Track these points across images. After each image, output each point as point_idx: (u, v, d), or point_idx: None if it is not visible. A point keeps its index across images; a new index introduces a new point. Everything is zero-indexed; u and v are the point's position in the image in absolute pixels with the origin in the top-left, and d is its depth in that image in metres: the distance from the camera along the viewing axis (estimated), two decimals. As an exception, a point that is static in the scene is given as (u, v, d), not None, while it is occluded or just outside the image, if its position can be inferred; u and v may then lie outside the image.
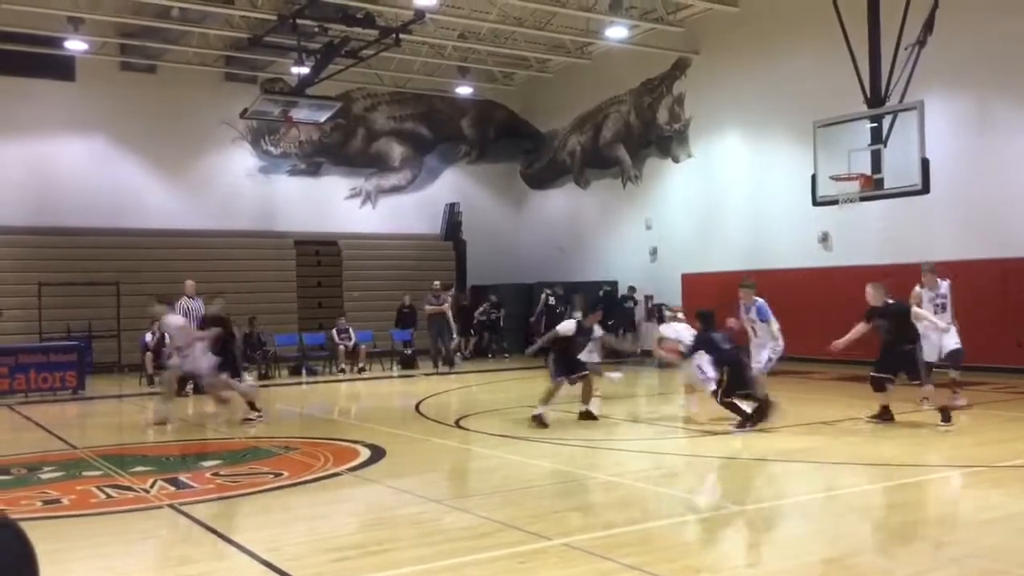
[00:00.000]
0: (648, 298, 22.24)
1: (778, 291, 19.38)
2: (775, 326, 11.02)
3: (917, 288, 11.27)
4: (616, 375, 14.04)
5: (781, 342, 11.11)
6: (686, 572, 4.97)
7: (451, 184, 26.72)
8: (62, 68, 21.06)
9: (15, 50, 19.66)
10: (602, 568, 5.06)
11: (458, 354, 21.24)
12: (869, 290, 10.20)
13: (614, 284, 22.77)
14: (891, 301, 10.14)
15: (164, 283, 18.35)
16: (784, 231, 19.47)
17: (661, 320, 14.45)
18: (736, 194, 20.82)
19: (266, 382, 18.10)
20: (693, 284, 21.20)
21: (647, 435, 10.12)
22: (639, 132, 23.50)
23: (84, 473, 8.43)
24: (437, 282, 20.47)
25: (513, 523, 6.13)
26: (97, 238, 21.17)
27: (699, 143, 21.87)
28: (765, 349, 10.96)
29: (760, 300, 11.07)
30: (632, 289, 22.18)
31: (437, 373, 18.80)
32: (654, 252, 22.74)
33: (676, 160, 22.50)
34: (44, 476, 8.37)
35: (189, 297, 15.89)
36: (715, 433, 9.75)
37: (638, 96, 23.47)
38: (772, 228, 19.78)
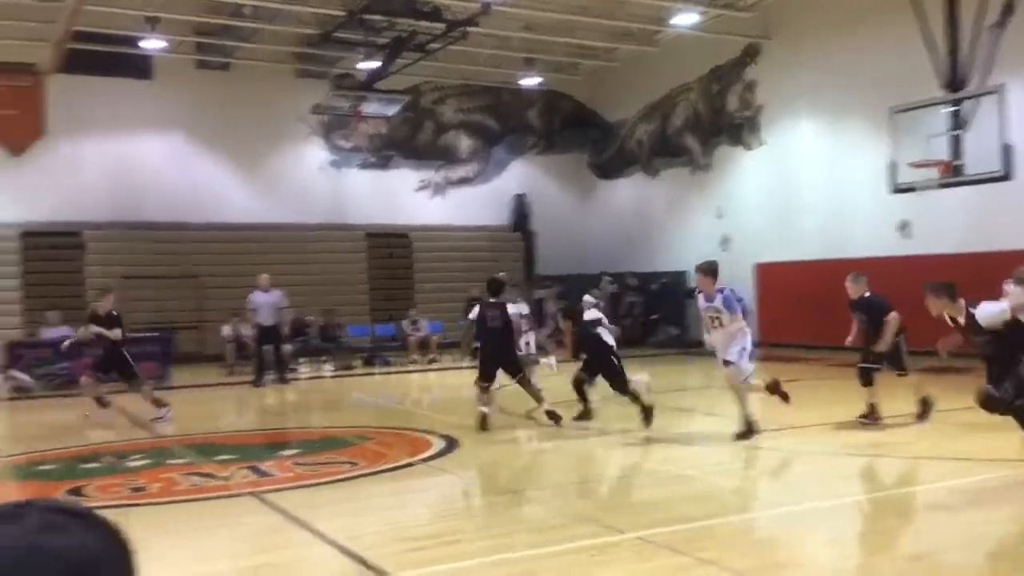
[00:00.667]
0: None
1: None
2: (740, 323, 9.45)
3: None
4: (550, 360, 13.97)
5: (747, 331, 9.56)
6: (766, 568, 4.94)
7: (519, 175, 26.77)
8: (140, 67, 21.65)
9: (96, 50, 20.28)
10: (678, 563, 5.05)
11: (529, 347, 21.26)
12: (849, 283, 10.07)
13: (682, 274, 22.57)
14: (868, 294, 9.96)
15: (241, 275, 18.77)
16: (861, 219, 19.05)
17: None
18: (811, 181, 20.43)
19: (342, 373, 18.43)
20: (767, 274, 20.89)
21: (722, 428, 10.01)
22: (708, 120, 23.20)
23: (169, 461, 8.72)
24: (502, 273, 20.54)
25: (586, 516, 6.16)
26: (178, 232, 21.75)
27: (771, 130, 21.50)
28: (735, 342, 9.34)
29: (726, 289, 9.61)
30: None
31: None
32: (725, 241, 22.47)
33: (748, 147, 22.17)
34: (131, 464, 8.68)
35: (263, 291, 16.18)
36: (794, 427, 9.62)
37: (707, 83, 23.16)
38: (849, 216, 19.37)
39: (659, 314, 22.66)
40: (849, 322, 10.23)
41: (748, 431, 8.92)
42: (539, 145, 27.16)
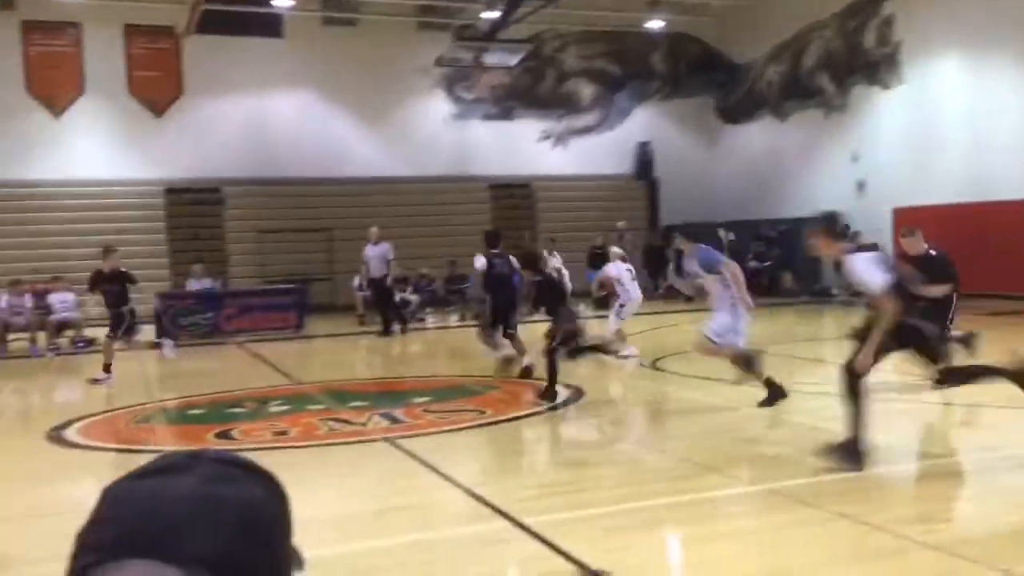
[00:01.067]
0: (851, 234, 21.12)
1: (1000, 224, 18.04)
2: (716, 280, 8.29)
3: None
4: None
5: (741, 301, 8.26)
6: (900, 523, 4.81)
7: (642, 122, 26.32)
8: (271, 26, 22.27)
9: (229, 10, 20.95)
10: (810, 516, 4.97)
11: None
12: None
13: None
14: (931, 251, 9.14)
15: (368, 228, 19.24)
16: (1010, 160, 17.93)
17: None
18: (953, 121, 19.32)
19: (468, 323, 18.76)
20: (905, 219, 19.97)
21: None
22: (843, 58, 22.17)
23: (308, 407, 9.11)
24: (621, 222, 20.39)
25: (714, 466, 6.12)
26: (309, 187, 22.45)
27: (912, 67, 20.38)
28: (724, 311, 8.29)
29: (702, 247, 8.52)
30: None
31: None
32: (861, 186, 21.57)
33: (885, 87, 21.11)
34: (273, 409, 9.12)
35: (372, 243, 16.43)
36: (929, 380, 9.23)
37: (842, 20, 22.09)
38: (996, 157, 18.25)
39: (783, 263, 22.02)
40: (994, 267, 9.74)
41: (771, 396, 8.04)
42: (663, 90, 26.59)
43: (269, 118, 22.44)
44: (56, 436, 8.13)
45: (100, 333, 16.10)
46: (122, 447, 7.81)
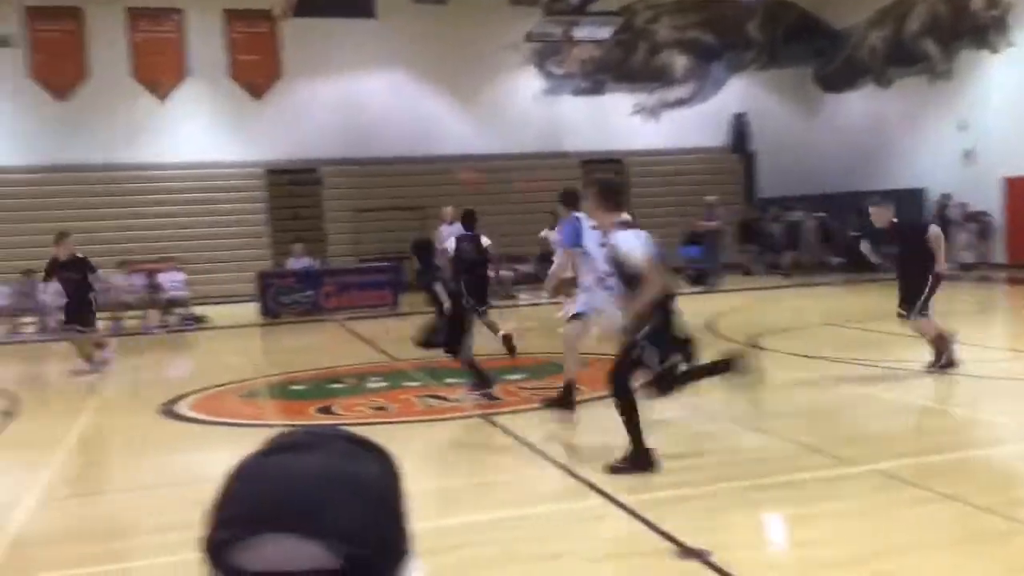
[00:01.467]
0: (957, 205, 20.31)
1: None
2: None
3: None
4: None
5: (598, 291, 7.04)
6: (1010, 505, 4.65)
7: (737, 93, 25.74)
8: (364, 6, 22.55)
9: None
10: (917, 496, 4.85)
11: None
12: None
13: (920, 192, 21.05)
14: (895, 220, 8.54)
15: (459, 206, 19.31)
16: None
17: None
18: (1070, 84, 18.34)
19: (557, 300, 18.74)
20: (1017, 188, 19.11)
21: (969, 356, 9.37)
22: (949, 22, 21.21)
23: (404, 383, 9.29)
24: (712, 197, 20.01)
25: (819, 447, 6.01)
26: (403, 166, 22.73)
27: (1022, 30, 19.39)
28: (584, 289, 7.27)
29: (576, 214, 7.31)
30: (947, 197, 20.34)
31: (704, 291, 18.36)
32: (968, 155, 20.69)
33: (994, 51, 20.14)
34: (371, 385, 9.33)
35: (447, 224, 15.82)
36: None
37: (949, -19, 21.14)
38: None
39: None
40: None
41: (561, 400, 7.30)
42: (760, 60, 25.93)
43: (362, 98, 22.77)
44: (169, 410, 8.50)
45: (207, 311, 16.75)
46: (231, 421, 8.11)
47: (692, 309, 10.33)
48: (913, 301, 8.34)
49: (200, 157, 21.68)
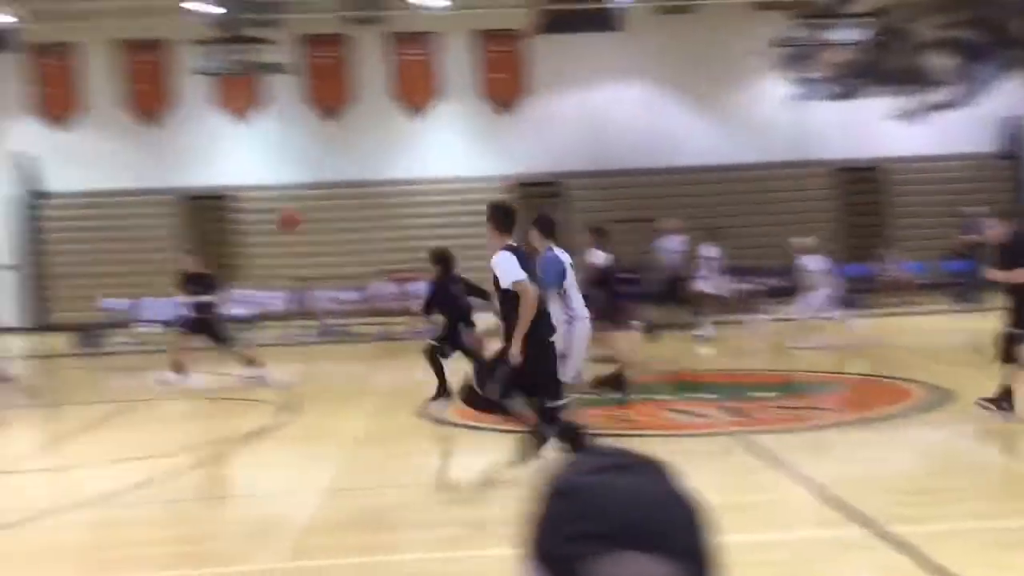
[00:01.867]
0: None
1: None
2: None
3: None
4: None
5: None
6: None
7: (1009, 95, 23.62)
8: (609, 21, 22.80)
9: (570, 9, 21.75)
10: None
11: None
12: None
13: None
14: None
15: (702, 218, 19.06)
16: None
17: None
18: None
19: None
20: None
21: None
22: None
23: (652, 396, 9.26)
24: (975, 208, 18.43)
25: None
26: (647, 178, 22.72)
27: None
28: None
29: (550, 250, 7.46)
30: None
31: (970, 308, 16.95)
32: None
33: None
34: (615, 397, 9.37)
35: (670, 234, 15.65)
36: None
37: None
38: None
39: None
40: None
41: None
42: (1034, 58, 23.69)
43: (606, 111, 23.01)
44: (426, 413, 8.99)
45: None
46: (482, 425, 8.44)
47: (956, 327, 9.58)
48: None
49: (451, 172, 22.76)
